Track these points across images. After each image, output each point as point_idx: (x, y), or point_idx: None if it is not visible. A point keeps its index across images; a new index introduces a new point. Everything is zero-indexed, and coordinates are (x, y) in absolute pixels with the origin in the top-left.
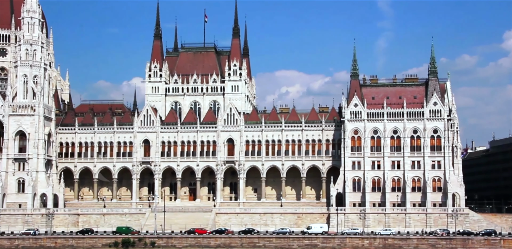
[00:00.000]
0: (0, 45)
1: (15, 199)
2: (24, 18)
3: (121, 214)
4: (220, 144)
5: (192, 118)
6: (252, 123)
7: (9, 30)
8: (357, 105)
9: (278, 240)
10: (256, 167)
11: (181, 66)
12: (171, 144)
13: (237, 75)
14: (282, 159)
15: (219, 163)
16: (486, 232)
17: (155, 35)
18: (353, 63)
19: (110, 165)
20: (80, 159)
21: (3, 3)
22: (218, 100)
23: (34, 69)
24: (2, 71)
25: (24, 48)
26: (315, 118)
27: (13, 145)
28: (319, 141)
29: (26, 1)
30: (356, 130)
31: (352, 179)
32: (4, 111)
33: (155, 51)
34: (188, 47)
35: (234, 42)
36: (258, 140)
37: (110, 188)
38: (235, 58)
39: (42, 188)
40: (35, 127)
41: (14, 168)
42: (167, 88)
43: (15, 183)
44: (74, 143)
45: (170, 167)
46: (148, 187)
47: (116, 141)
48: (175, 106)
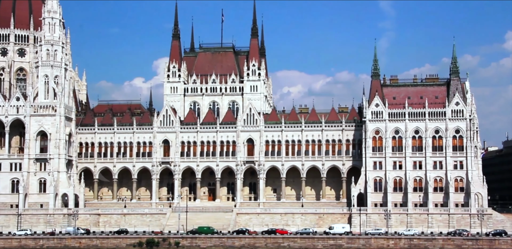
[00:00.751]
0: (19, 46)
1: (37, 199)
2: (45, 19)
3: (142, 214)
4: (240, 144)
5: (211, 119)
6: (272, 123)
7: (28, 30)
8: (378, 105)
9: (302, 240)
10: (276, 167)
11: (200, 66)
12: (190, 144)
13: (256, 75)
14: (302, 159)
15: (239, 163)
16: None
17: (174, 35)
18: (374, 63)
19: (129, 165)
20: (100, 159)
21: (21, 4)
22: (237, 100)
23: (55, 69)
24: (21, 72)
25: (45, 48)
26: (335, 118)
27: (35, 145)
28: (339, 141)
29: (47, 1)
30: (377, 130)
31: (373, 179)
32: (25, 111)
33: (174, 51)
34: (206, 47)
35: (252, 42)
36: (278, 140)
37: (129, 188)
38: (254, 58)
39: (64, 188)
40: (56, 127)
41: (36, 168)
42: (185, 89)
43: (37, 183)
44: (94, 143)
45: (190, 167)
46: (167, 187)
47: (135, 141)
48: (193, 106)
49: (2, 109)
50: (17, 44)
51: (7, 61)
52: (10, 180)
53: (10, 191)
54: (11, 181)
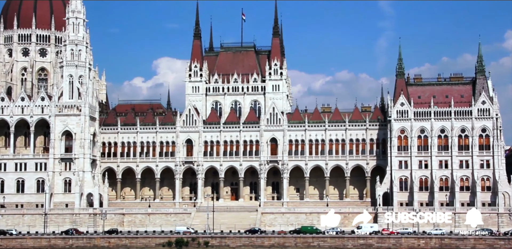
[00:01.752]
0: (40, 46)
1: (62, 198)
2: (69, 19)
3: (166, 213)
4: (263, 143)
5: (234, 118)
6: (295, 122)
7: (49, 30)
8: (404, 104)
9: (332, 239)
10: (299, 166)
11: (221, 66)
12: (213, 143)
13: (277, 74)
14: (325, 158)
15: (262, 162)
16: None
17: (195, 35)
18: (399, 62)
19: (152, 165)
20: (123, 159)
21: (43, 4)
22: (258, 99)
23: (80, 69)
24: (43, 72)
25: (70, 48)
26: (359, 117)
27: (60, 145)
28: (363, 140)
29: (71, 1)
30: (402, 129)
31: (399, 178)
32: (50, 111)
33: (195, 51)
34: (227, 47)
35: (274, 41)
36: (301, 140)
37: (152, 188)
38: (276, 57)
39: (88, 188)
40: (81, 127)
41: (61, 168)
42: (207, 88)
43: (62, 183)
44: (117, 143)
45: (213, 166)
46: (189, 186)
47: (158, 140)
48: (215, 106)
49: (27, 109)
50: (39, 44)
51: (29, 62)
52: (35, 179)
53: (36, 190)
54: (36, 180)
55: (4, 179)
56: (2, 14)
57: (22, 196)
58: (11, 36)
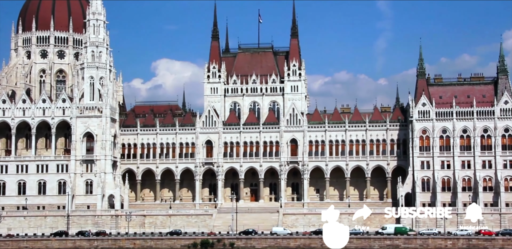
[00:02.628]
0: (59, 48)
1: (84, 200)
2: (89, 20)
3: (187, 215)
4: (283, 144)
5: (253, 119)
6: (315, 123)
7: (67, 32)
8: (425, 104)
9: (358, 240)
10: (319, 167)
11: (239, 67)
12: (233, 144)
13: (296, 75)
14: (346, 159)
15: (283, 163)
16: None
17: (213, 36)
18: (419, 62)
19: (172, 166)
20: (143, 160)
21: (61, 6)
22: (277, 100)
23: (100, 71)
24: (61, 73)
25: (90, 50)
26: (379, 118)
27: (81, 147)
28: (383, 141)
29: (91, 3)
30: (424, 129)
31: (421, 178)
32: (71, 113)
33: (213, 52)
34: (245, 48)
35: (292, 42)
36: (321, 140)
37: (171, 189)
38: (295, 58)
39: (110, 189)
40: (103, 128)
41: (82, 170)
42: (226, 89)
43: (83, 185)
44: (137, 144)
45: (233, 167)
46: (209, 188)
47: (178, 142)
48: (234, 106)
49: (49, 111)
50: (57, 46)
51: (48, 63)
52: (57, 181)
53: (57, 192)
54: (57, 182)
55: (26, 181)
56: (20, 17)
57: (44, 198)
58: (30, 38)
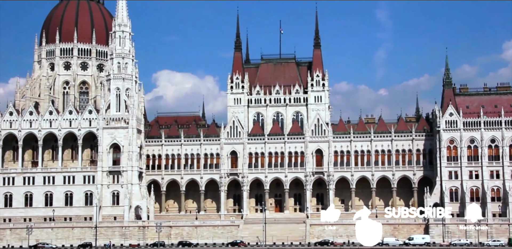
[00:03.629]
0: (82, 59)
1: (110, 211)
2: (115, 32)
3: (213, 226)
4: (308, 154)
5: (278, 130)
6: (341, 133)
7: (90, 44)
8: (453, 114)
9: None
10: (345, 177)
11: (263, 78)
12: (258, 155)
13: (320, 85)
14: (372, 169)
15: (308, 174)
16: None
17: (236, 46)
18: (446, 72)
19: (197, 177)
20: (167, 171)
21: (84, 18)
22: (301, 111)
23: (126, 82)
24: (84, 85)
25: (116, 61)
26: (404, 128)
27: (107, 158)
28: (409, 151)
29: (117, 14)
30: (451, 139)
31: (449, 189)
32: (98, 124)
33: (236, 62)
34: (268, 58)
35: (315, 53)
36: (347, 151)
37: (195, 200)
38: (318, 69)
39: (136, 200)
40: (129, 140)
41: (109, 181)
42: (249, 100)
43: (110, 196)
44: (161, 155)
45: (258, 178)
46: (233, 198)
47: (203, 152)
48: (257, 117)
49: (75, 122)
50: (80, 58)
51: (72, 75)
52: (83, 192)
53: (84, 203)
54: (84, 193)
55: (53, 192)
56: (44, 29)
57: (71, 209)
58: (53, 50)
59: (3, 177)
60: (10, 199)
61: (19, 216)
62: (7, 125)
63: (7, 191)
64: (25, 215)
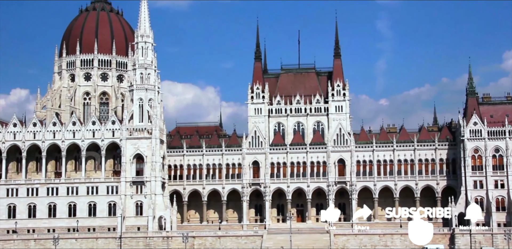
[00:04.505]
0: (102, 70)
1: (134, 222)
2: (138, 43)
3: (237, 236)
4: (330, 164)
5: (299, 139)
6: (363, 143)
7: (110, 55)
8: (477, 123)
9: None
10: (367, 187)
11: (283, 88)
12: (280, 165)
13: (340, 95)
14: (394, 179)
15: (330, 183)
16: None
17: (256, 57)
18: (469, 81)
19: (219, 187)
20: (189, 181)
21: (103, 29)
22: (322, 121)
23: (149, 92)
24: (104, 96)
25: (139, 72)
26: (427, 137)
27: (131, 168)
28: (432, 160)
29: (139, 25)
30: (476, 149)
31: (474, 198)
32: (121, 135)
33: (256, 73)
34: (287, 68)
35: (336, 62)
36: (369, 160)
37: (216, 210)
38: (338, 78)
39: (160, 211)
40: (152, 150)
41: (132, 191)
42: (270, 110)
43: (133, 206)
44: (183, 165)
45: (280, 188)
46: (255, 208)
47: (224, 162)
48: (278, 127)
49: (98, 133)
50: (100, 68)
51: (93, 86)
52: (107, 203)
53: (107, 214)
54: (107, 204)
55: (77, 203)
56: (64, 40)
57: (94, 220)
58: (74, 61)
59: (27, 187)
60: (34, 209)
61: (43, 227)
62: (30, 136)
63: (31, 202)
64: (48, 225)
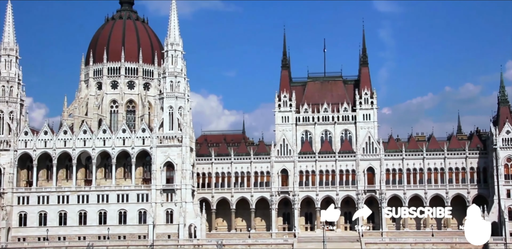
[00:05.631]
0: (129, 78)
1: (164, 230)
2: (167, 51)
3: (266, 244)
4: (359, 173)
5: (328, 148)
6: (392, 151)
7: (137, 63)
8: (510, 132)
9: None
10: (397, 195)
11: (310, 96)
12: (309, 173)
13: (368, 103)
14: (424, 187)
15: (360, 192)
16: None
17: (283, 65)
18: (501, 89)
19: (247, 195)
20: (217, 189)
21: (130, 37)
22: (349, 129)
23: (179, 100)
24: (130, 104)
25: (169, 80)
26: (457, 146)
27: (161, 176)
28: (462, 169)
29: (169, 34)
30: (509, 157)
31: (508, 207)
32: (151, 142)
33: (283, 81)
34: (314, 77)
35: (363, 71)
36: (399, 169)
37: (244, 218)
38: (366, 86)
39: (190, 219)
40: (182, 158)
41: (162, 199)
42: (297, 118)
43: (164, 214)
44: (211, 173)
45: (309, 196)
46: (283, 217)
47: (253, 171)
48: (305, 135)
49: (129, 140)
50: (127, 77)
51: (120, 94)
52: (137, 211)
53: (138, 222)
54: (138, 212)
55: (107, 210)
56: (91, 49)
57: (125, 227)
58: (101, 69)
59: (58, 195)
60: (64, 217)
61: (73, 235)
62: (61, 144)
63: (62, 209)
64: (79, 233)
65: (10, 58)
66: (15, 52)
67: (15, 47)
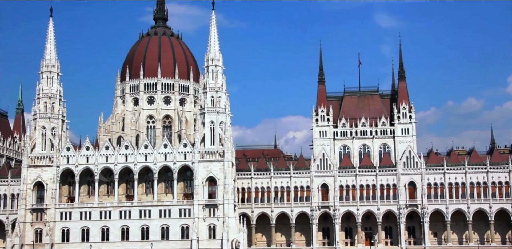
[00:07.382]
0: (165, 94)
1: (207, 245)
2: (208, 67)
3: None
4: (400, 187)
5: (368, 162)
6: (433, 166)
7: (173, 79)
8: None
9: None
10: (439, 210)
11: (347, 110)
12: (349, 187)
13: (406, 118)
14: (467, 202)
15: (401, 206)
16: None
17: (319, 80)
18: None
19: (287, 210)
20: (257, 204)
21: (166, 53)
22: (388, 143)
23: (220, 115)
24: (167, 119)
25: (210, 95)
26: (500, 160)
27: (203, 191)
28: (506, 183)
29: (209, 49)
30: None
31: None
32: (193, 157)
33: (320, 95)
34: (351, 91)
35: (401, 85)
36: (440, 183)
37: (283, 233)
38: (404, 101)
39: (233, 234)
40: (224, 173)
41: (205, 214)
42: (335, 132)
43: (206, 229)
44: (251, 188)
45: (349, 211)
46: (322, 231)
47: (293, 185)
48: (343, 150)
49: (170, 156)
50: (164, 92)
51: (157, 109)
52: (179, 226)
53: (180, 237)
54: (180, 227)
55: (149, 226)
56: (127, 65)
57: (167, 243)
58: (137, 85)
59: (100, 210)
60: (107, 233)
61: None
62: (103, 159)
63: (104, 225)
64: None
65: (52, 75)
66: (57, 69)
67: (57, 64)
